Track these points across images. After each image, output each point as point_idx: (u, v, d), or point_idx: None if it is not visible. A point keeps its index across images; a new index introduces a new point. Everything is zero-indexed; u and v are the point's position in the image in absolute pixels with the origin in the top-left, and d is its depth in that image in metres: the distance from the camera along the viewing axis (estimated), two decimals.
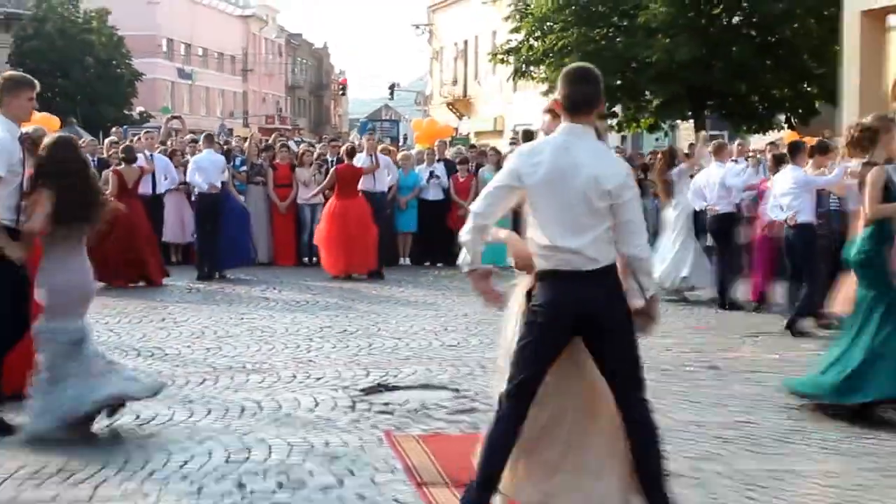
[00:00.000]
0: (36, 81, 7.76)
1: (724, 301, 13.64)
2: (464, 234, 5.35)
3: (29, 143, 7.81)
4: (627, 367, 5.25)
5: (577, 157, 5.19)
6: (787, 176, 11.84)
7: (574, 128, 5.29)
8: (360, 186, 16.80)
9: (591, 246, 5.13)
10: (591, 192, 5.12)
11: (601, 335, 5.18)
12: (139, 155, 16.37)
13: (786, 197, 11.77)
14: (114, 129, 25.39)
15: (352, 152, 17.03)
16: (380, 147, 19.09)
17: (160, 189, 17.52)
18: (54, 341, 7.28)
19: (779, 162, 12.84)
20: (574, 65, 5.54)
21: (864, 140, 8.24)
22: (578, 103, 5.31)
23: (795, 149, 12.44)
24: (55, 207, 7.22)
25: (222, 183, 16.49)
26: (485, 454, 5.26)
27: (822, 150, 12.24)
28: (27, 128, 8.26)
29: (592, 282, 5.14)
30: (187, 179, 16.92)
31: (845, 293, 8.70)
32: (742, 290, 13.93)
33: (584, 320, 5.15)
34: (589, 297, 5.13)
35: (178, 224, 18.04)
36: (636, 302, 5.27)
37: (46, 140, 7.65)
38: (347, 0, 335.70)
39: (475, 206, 5.34)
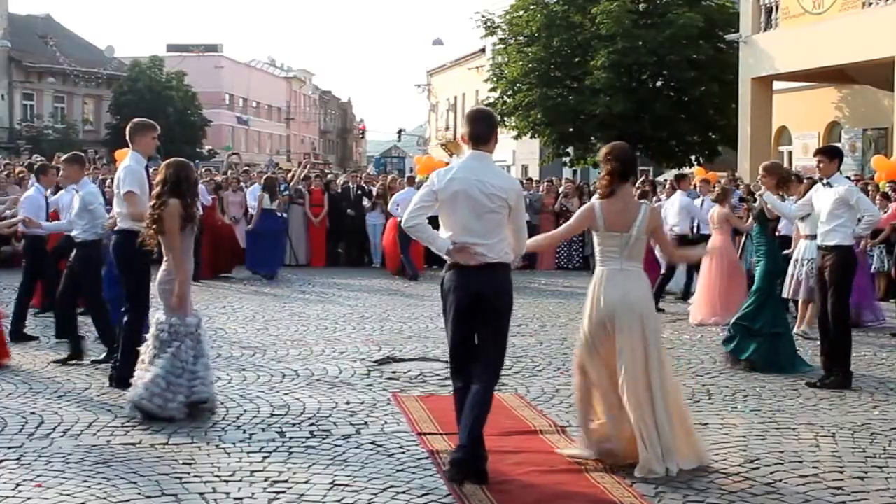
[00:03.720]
0: (157, 125, 7.66)
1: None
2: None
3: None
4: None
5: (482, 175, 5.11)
6: (675, 199, 12.39)
7: (478, 154, 5.20)
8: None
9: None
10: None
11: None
12: None
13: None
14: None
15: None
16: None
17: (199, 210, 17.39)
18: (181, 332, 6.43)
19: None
20: (475, 108, 5.50)
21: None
22: (480, 137, 5.21)
23: (680, 178, 13.02)
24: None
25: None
26: None
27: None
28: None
29: None
30: (248, 205, 16.91)
31: None
32: None
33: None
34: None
35: None
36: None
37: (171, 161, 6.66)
38: (366, 66, 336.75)
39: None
